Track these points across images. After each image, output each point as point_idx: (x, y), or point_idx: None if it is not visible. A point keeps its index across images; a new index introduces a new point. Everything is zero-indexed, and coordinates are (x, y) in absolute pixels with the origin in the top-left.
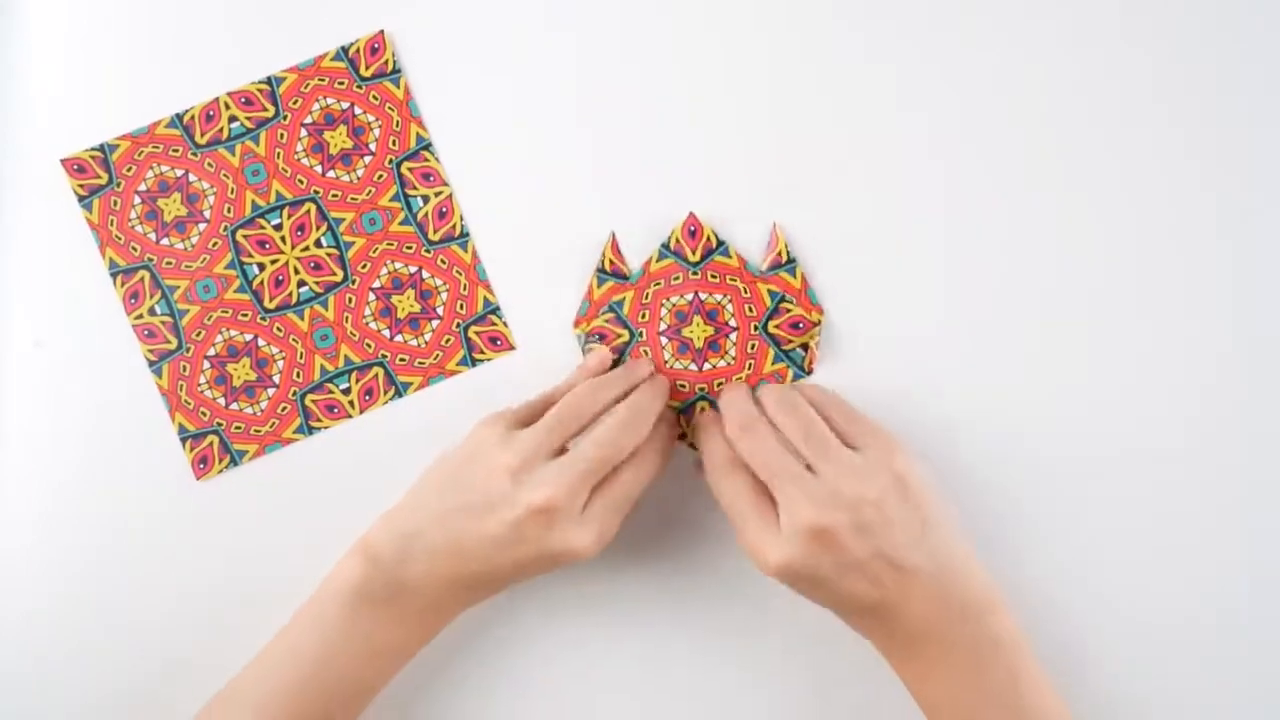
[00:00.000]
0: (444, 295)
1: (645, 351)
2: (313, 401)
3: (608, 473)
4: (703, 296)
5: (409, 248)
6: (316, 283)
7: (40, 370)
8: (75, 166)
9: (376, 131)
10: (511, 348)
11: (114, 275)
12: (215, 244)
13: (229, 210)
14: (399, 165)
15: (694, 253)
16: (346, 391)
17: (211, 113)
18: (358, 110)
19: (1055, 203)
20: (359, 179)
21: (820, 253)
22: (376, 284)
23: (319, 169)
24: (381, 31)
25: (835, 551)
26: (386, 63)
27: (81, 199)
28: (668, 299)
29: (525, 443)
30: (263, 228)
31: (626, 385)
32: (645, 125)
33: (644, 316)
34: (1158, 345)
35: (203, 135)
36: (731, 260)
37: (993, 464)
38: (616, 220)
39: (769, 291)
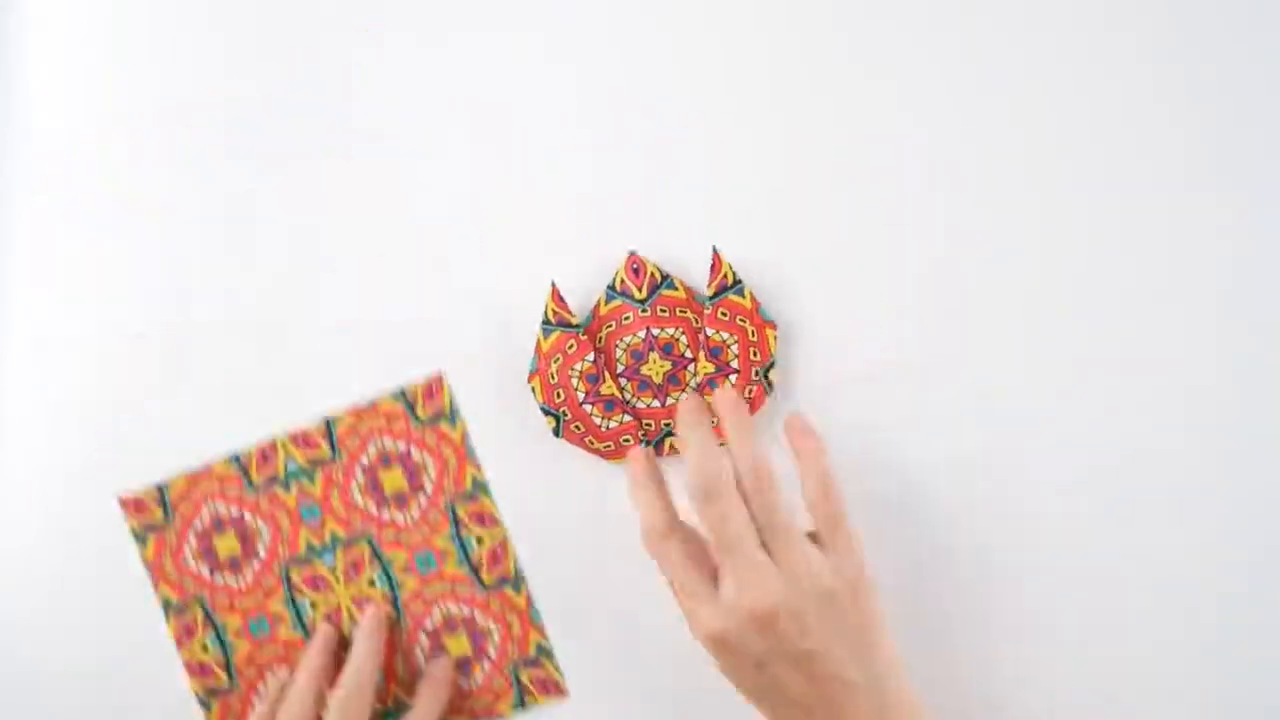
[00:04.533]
0: (496, 638)
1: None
2: None
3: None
4: (655, 332)
5: (462, 588)
6: None
7: (40, 370)
8: (133, 505)
9: (432, 472)
10: (563, 693)
11: (166, 611)
12: (269, 582)
13: (283, 549)
14: (454, 507)
15: (640, 290)
16: None
17: (268, 453)
18: (414, 452)
19: (1055, 203)
20: (414, 519)
21: (806, 267)
22: (429, 625)
23: (374, 509)
24: (440, 374)
25: (774, 637)
26: (443, 406)
27: (137, 536)
28: (621, 339)
29: None
30: (316, 567)
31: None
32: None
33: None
34: (1158, 345)
35: (259, 475)
36: (679, 292)
37: (992, 465)
38: (560, 274)
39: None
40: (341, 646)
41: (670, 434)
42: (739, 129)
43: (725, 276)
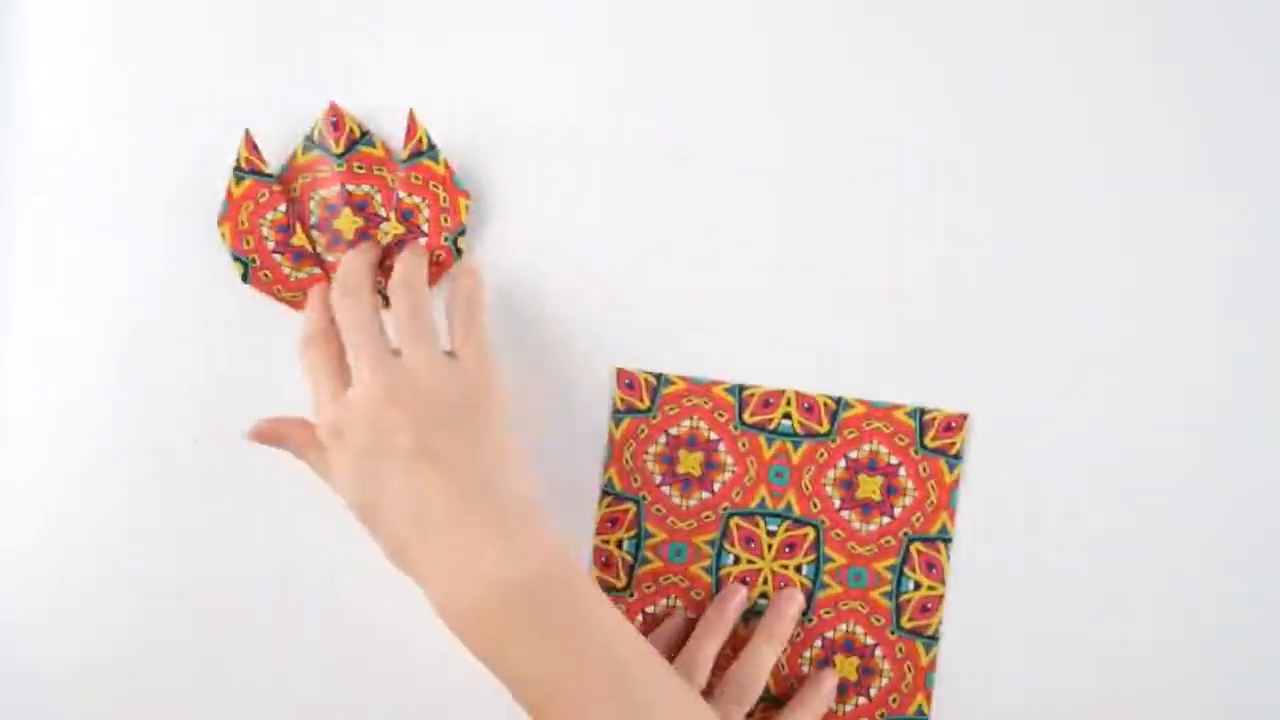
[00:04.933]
0: (884, 681)
1: None
2: None
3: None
4: (350, 188)
5: (877, 620)
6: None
7: (40, 370)
8: (626, 381)
9: (908, 502)
10: None
11: (603, 495)
12: (708, 517)
13: (736, 495)
14: (911, 541)
15: (338, 144)
16: None
17: (771, 401)
18: (903, 472)
19: (1055, 203)
20: (869, 533)
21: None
22: (830, 635)
23: (838, 503)
24: (964, 415)
25: (383, 429)
26: (957, 446)
27: (616, 411)
28: (315, 192)
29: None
30: (758, 527)
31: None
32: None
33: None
34: (1158, 345)
35: (752, 416)
36: (377, 150)
37: (990, 466)
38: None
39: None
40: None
41: None
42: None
43: (420, 141)
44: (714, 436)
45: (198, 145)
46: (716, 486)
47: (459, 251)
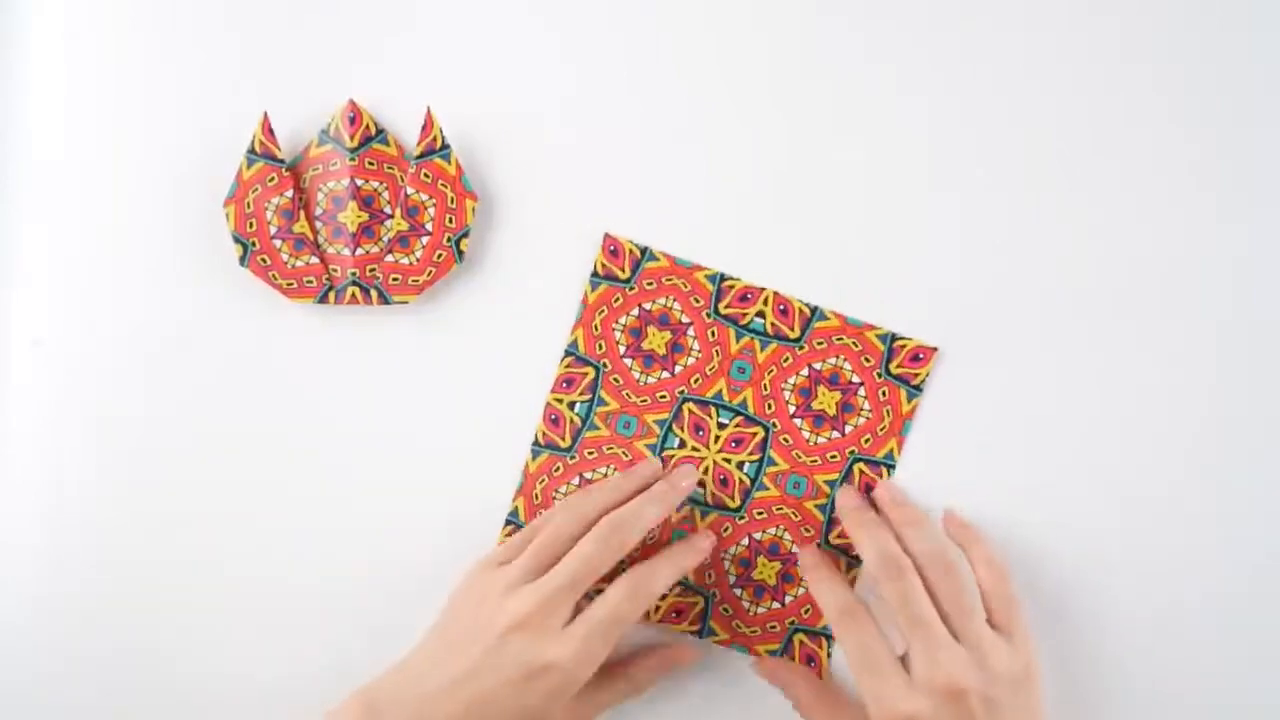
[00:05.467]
0: (798, 593)
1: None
2: None
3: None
4: (359, 183)
5: (807, 531)
6: (711, 495)
7: (40, 370)
8: (611, 248)
9: (860, 423)
10: (819, 673)
11: (566, 354)
12: (664, 396)
13: (695, 382)
14: (856, 460)
15: (352, 139)
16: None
17: (749, 296)
18: (863, 393)
19: (1053, 203)
20: (816, 445)
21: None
22: (759, 536)
23: (792, 410)
24: (934, 349)
25: (962, 712)
26: (922, 378)
27: (595, 275)
28: (324, 184)
29: (510, 572)
30: (710, 416)
31: (625, 496)
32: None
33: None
34: (1156, 345)
35: (726, 308)
36: (390, 149)
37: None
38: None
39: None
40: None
41: (356, 284)
42: None
43: (434, 139)
44: (686, 320)
45: (198, 145)
46: (678, 369)
47: (460, 253)
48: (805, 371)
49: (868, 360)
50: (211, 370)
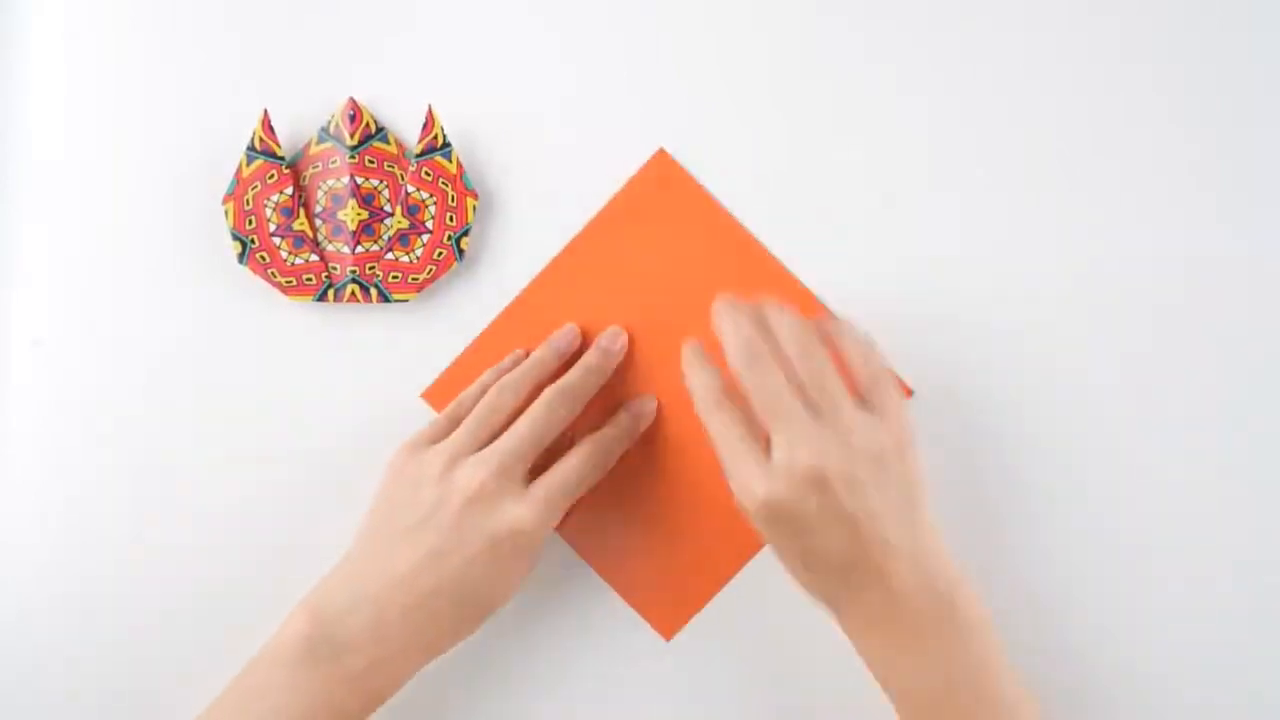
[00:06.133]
0: None
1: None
2: None
3: (545, 459)
4: (359, 180)
5: None
6: None
7: (40, 370)
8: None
9: None
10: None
11: None
12: None
13: None
14: None
15: (352, 137)
16: None
17: None
18: None
19: (1053, 203)
20: None
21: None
22: None
23: None
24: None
25: (824, 496)
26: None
27: None
28: (324, 182)
29: (446, 448)
30: None
31: (551, 368)
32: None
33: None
34: (1156, 345)
35: None
36: (390, 147)
37: (988, 463)
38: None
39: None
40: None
41: (355, 282)
42: None
43: (435, 137)
44: None
45: (198, 145)
46: None
47: (461, 252)
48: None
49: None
50: (211, 369)
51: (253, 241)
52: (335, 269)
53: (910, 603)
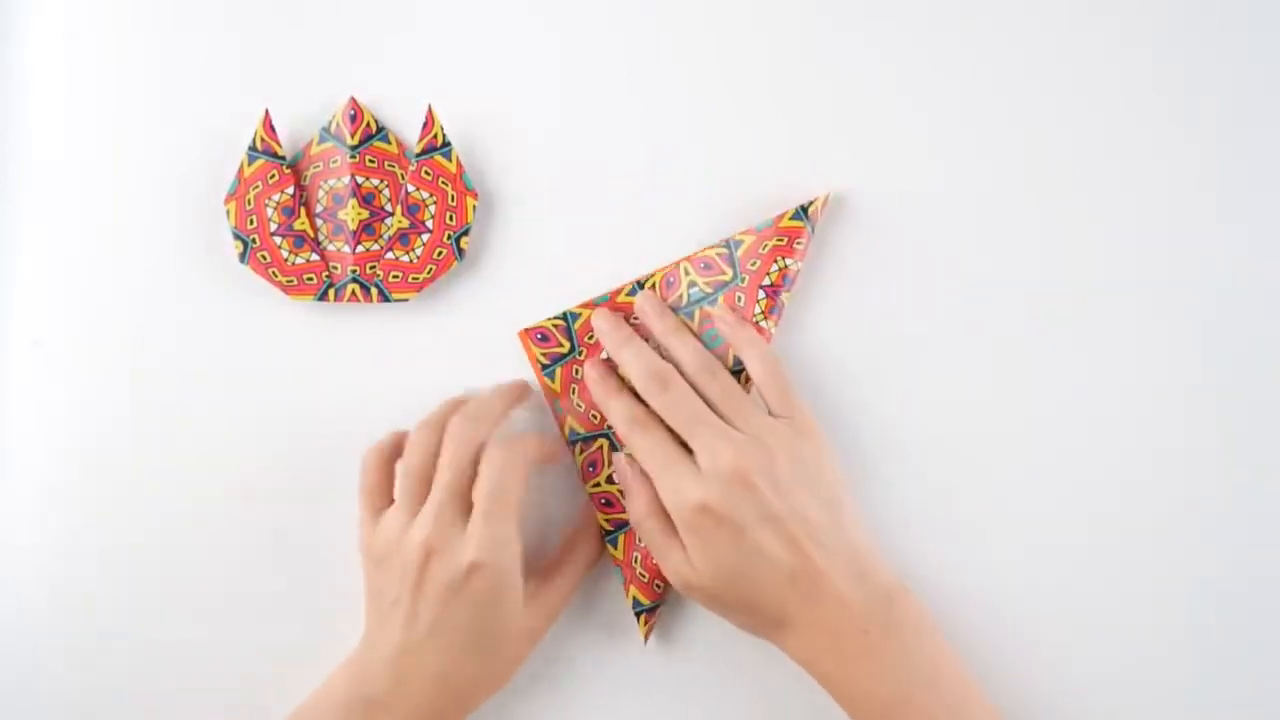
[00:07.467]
0: None
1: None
2: None
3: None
4: (359, 180)
5: None
6: None
7: (40, 370)
8: (538, 335)
9: None
10: None
11: (573, 443)
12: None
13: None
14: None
15: (353, 136)
16: None
17: (672, 279)
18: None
19: (1053, 203)
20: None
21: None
22: None
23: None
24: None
25: (753, 495)
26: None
27: (544, 367)
28: (325, 181)
29: (395, 515)
30: None
31: (456, 405)
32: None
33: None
34: (1157, 345)
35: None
36: (391, 146)
37: (987, 463)
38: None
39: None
40: None
41: (356, 281)
42: None
43: (435, 136)
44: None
45: (198, 145)
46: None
47: (461, 251)
48: (761, 296)
49: (800, 243)
50: (211, 368)
51: (254, 241)
52: (336, 268)
53: (857, 606)
